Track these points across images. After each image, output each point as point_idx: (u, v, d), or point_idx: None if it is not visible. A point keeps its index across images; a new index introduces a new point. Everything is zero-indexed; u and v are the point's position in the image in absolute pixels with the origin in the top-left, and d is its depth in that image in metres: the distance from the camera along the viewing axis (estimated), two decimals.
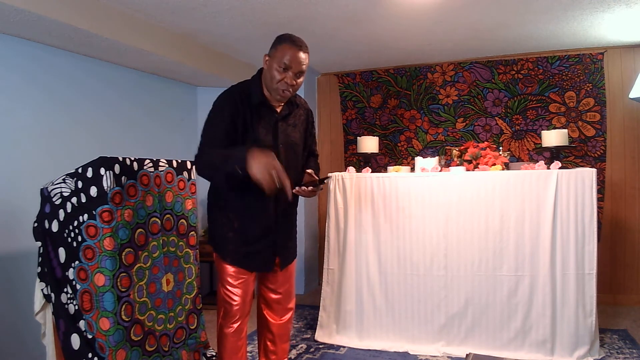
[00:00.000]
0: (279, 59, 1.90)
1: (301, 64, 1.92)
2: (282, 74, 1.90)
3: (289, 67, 1.90)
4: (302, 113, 2.17)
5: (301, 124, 2.15)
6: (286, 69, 1.90)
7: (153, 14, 3.03)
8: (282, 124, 2.06)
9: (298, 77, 1.95)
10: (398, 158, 4.55)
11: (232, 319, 2.05)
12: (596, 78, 3.97)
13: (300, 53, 1.91)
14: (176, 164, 2.42)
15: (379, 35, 3.61)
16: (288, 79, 1.91)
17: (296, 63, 1.90)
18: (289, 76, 1.91)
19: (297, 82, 1.95)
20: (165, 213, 2.32)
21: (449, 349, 2.94)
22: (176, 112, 4.10)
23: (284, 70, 1.90)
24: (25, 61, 2.80)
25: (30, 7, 2.35)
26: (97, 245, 1.96)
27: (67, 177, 2.06)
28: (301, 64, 1.92)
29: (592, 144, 4.00)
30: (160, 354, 2.22)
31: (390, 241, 3.08)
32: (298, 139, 2.12)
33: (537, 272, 2.81)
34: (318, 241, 4.70)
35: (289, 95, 1.98)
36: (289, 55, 1.89)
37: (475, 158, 3.14)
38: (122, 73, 3.52)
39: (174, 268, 2.35)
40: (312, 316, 3.60)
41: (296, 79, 1.94)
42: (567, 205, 2.78)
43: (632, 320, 3.49)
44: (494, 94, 4.25)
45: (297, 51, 1.91)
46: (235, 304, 2.04)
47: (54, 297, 2.09)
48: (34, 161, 2.80)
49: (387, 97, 4.60)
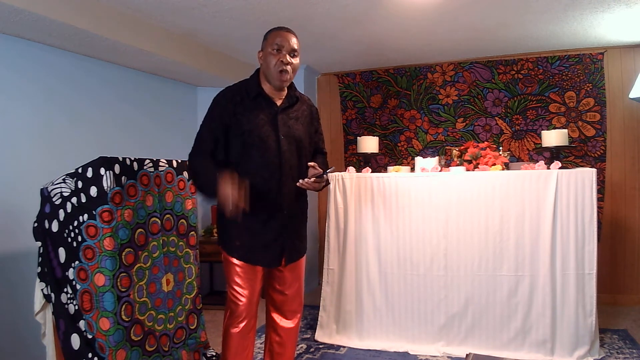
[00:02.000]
0: (270, 45, 2.01)
1: (291, 42, 2.01)
2: (277, 55, 1.98)
3: (281, 47, 1.98)
4: (306, 109, 2.18)
5: (305, 119, 2.15)
6: (279, 49, 1.98)
7: (153, 14, 3.03)
8: (283, 116, 2.06)
9: (292, 56, 2.01)
10: (398, 158, 4.55)
11: (237, 319, 2.04)
12: (596, 78, 3.97)
13: (288, 34, 2.02)
14: (176, 164, 2.42)
15: (379, 35, 3.61)
16: (282, 57, 1.98)
17: (286, 42, 1.99)
18: (282, 55, 1.98)
19: (292, 62, 2.01)
20: (165, 213, 2.32)
21: (449, 349, 2.94)
22: (176, 112, 4.10)
23: (277, 52, 1.99)
24: (25, 61, 2.80)
25: (30, 7, 2.35)
26: (97, 245, 1.96)
27: (67, 177, 2.06)
28: (291, 42, 2.01)
29: (592, 144, 4.00)
30: (160, 354, 2.22)
31: (390, 241, 3.09)
32: (302, 133, 2.11)
33: (537, 272, 2.81)
34: (318, 241, 4.70)
35: (288, 77, 2.01)
36: (278, 37, 2.00)
37: (475, 158, 3.14)
38: (122, 73, 3.52)
39: (174, 268, 2.35)
40: (312, 316, 3.60)
41: (291, 58, 2.01)
42: (567, 205, 2.78)
43: (632, 320, 3.49)
44: (494, 94, 4.25)
45: (285, 32, 2.02)
46: (242, 304, 2.03)
47: (54, 297, 2.09)
48: (34, 161, 2.80)
49: (387, 97, 4.60)
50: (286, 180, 2.03)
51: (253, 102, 2.01)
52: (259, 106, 2.02)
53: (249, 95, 2.02)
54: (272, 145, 2.00)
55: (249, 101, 2.01)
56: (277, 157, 2.01)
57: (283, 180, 2.02)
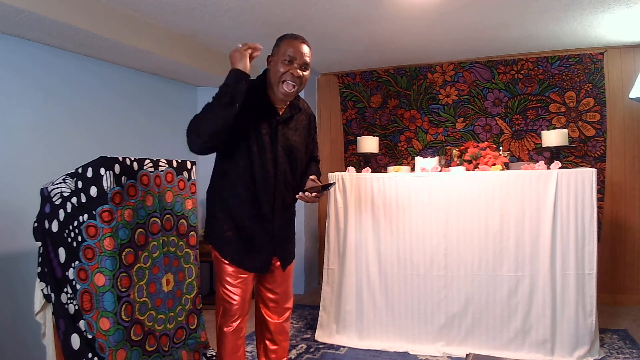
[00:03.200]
0: (282, 54, 1.94)
1: (304, 55, 1.95)
2: (287, 66, 1.93)
3: (293, 59, 1.93)
4: (304, 118, 2.17)
5: (303, 128, 2.15)
6: (290, 61, 1.93)
7: (153, 14, 3.03)
8: (283, 127, 2.05)
9: (303, 69, 1.97)
10: (398, 158, 4.55)
11: (231, 318, 2.05)
12: (596, 78, 3.97)
13: (302, 45, 1.96)
14: (176, 164, 2.42)
15: (379, 35, 3.61)
16: (293, 70, 1.93)
17: (299, 54, 1.94)
18: (294, 68, 1.93)
19: (303, 75, 1.96)
20: (165, 213, 2.32)
21: (449, 349, 2.94)
22: (176, 112, 4.10)
23: (289, 63, 1.93)
24: (25, 61, 2.80)
25: (30, 7, 2.35)
26: (97, 245, 1.96)
27: (67, 177, 2.06)
28: (304, 55, 1.95)
29: (592, 144, 4.00)
30: (160, 354, 2.22)
31: (390, 241, 3.09)
32: (299, 143, 2.11)
33: (537, 272, 2.81)
34: (318, 241, 4.70)
35: (294, 90, 1.97)
36: (292, 47, 1.93)
37: (475, 158, 3.14)
38: (122, 73, 3.52)
39: (174, 268, 2.35)
40: (312, 316, 3.60)
41: (302, 71, 1.96)
42: (567, 205, 2.78)
43: (632, 320, 3.49)
44: (494, 94, 4.25)
45: (299, 43, 1.95)
46: (235, 303, 2.03)
47: (54, 297, 2.09)
48: (34, 161, 2.80)
49: (387, 97, 4.60)
50: (279, 189, 2.05)
51: (256, 108, 1.99)
52: (262, 114, 2.00)
53: (253, 100, 1.98)
54: (269, 155, 2.01)
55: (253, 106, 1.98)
56: (273, 167, 2.02)
57: (276, 189, 2.04)
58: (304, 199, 1.98)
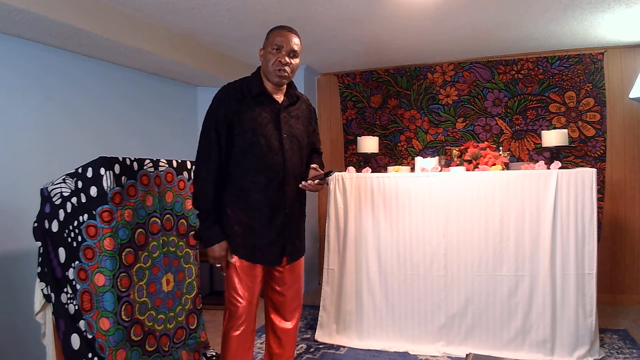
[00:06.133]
0: (271, 43, 2.02)
1: (291, 43, 2.01)
2: (276, 54, 2.00)
3: (280, 47, 2.00)
4: (305, 108, 2.19)
5: (304, 118, 2.17)
6: (278, 49, 2.00)
7: (153, 14, 3.03)
8: (285, 115, 2.07)
9: (292, 57, 2.02)
10: (398, 158, 4.55)
11: (237, 321, 2.03)
12: (596, 78, 3.97)
13: (289, 34, 2.03)
14: (176, 164, 2.42)
15: (379, 35, 3.61)
16: (281, 57, 1.99)
17: (286, 42, 2.00)
18: (282, 55, 2.00)
19: (291, 62, 2.02)
20: (165, 213, 2.32)
21: (449, 349, 2.94)
22: (176, 112, 4.10)
23: (277, 51, 2.00)
24: (25, 61, 2.80)
25: (30, 7, 2.35)
26: (97, 245, 1.96)
27: (67, 177, 2.06)
28: (291, 43, 2.01)
29: (592, 144, 4.00)
30: (160, 354, 2.22)
31: (390, 241, 3.08)
32: (301, 132, 2.13)
33: (537, 272, 2.81)
34: (318, 241, 4.70)
35: (285, 75, 2.01)
36: (279, 36, 2.01)
37: (475, 158, 3.14)
38: (122, 73, 3.52)
39: (174, 268, 2.35)
40: (312, 316, 3.60)
41: (290, 58, 2.01)
42: (567, 205, 2.78)
43: (632, 320, 3.49)
44: (494, 94, 4.25)
45: (286, 32, 2.02)
46: (241, 305, 2.02)
47: (54, 297, 2.09)
48: (34, 161, 2.80)
49: (387, 97, 4.60)
50: (289, 179, 2.04)
51: (255, 100, 2.02)
52: (261, 104, 2.03)
53: (250, 93, 2.02)
54: (275, 144, 2.02)
55: (251, 99, 2.01)
56: (281, 156, 2.02)
57: (286, 178, 2.04)
58: (308, 188, 2.03)
